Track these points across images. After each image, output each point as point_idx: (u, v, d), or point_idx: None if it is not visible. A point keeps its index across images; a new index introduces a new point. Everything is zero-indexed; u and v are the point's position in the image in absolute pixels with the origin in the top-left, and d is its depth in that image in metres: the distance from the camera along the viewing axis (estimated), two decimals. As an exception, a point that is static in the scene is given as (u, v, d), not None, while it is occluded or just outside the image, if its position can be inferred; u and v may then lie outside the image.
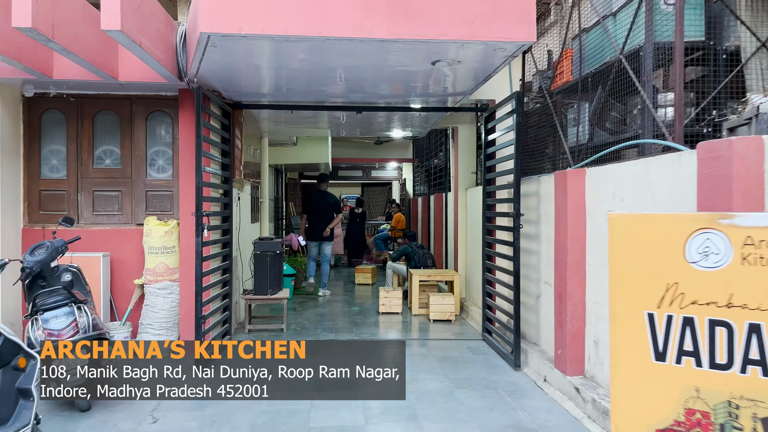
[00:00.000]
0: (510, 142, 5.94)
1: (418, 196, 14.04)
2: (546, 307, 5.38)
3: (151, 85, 5.80)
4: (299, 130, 9.21)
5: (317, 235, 9.80)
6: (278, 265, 7.26)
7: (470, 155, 8.68)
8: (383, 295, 8.24)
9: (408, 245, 9.44)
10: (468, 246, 8.46)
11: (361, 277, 11.26)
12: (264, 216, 9.68)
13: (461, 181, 8.68)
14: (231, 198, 6.42)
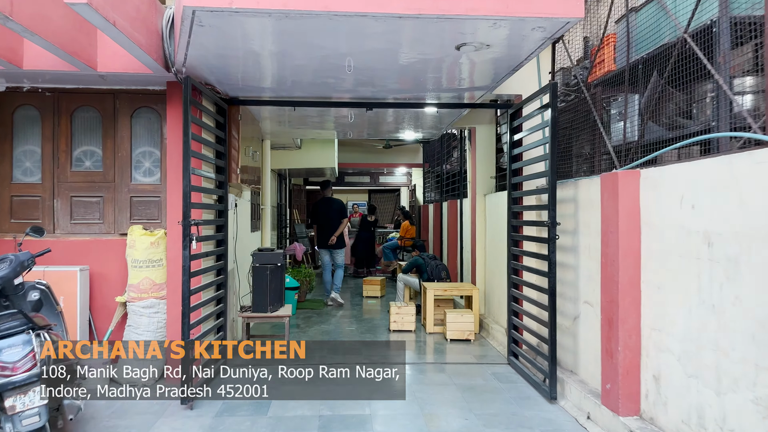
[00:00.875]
0: (541, 141, 5.23)
1: (429, 203, 13.34)
2: (586, 330, 4.65)
3: (136, 78, 5.14)
4: (303, 132, 8.55)
5: (327, 242, 9.51)
6: (279, 279, 6.56)
7: (489, 158, 7.98)
8: (394, 312, 7.52)
9: (419, 256, 8.73)
10: (488, 257, 7.74)
11: (369, 289, 10.54)
12: (266, 224, 8.99)
13: (479, 187, 7.97)
14: (226, 204, 5.74)
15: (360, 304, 9.77)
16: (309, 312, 8.92)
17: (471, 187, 8.24)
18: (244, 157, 6.24)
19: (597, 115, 4.74)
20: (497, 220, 7.21)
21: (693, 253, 3.28)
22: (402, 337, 7.27)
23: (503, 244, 6.81)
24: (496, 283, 7.26)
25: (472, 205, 8.15)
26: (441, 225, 11.26)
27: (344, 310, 9.16)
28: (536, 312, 5.50)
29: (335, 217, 9.53)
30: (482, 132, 8.00)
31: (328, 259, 9.71)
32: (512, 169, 5.91)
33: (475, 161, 8.02)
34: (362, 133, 8.68)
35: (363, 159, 14.43)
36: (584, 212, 4.70)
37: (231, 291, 6.48)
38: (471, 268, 8.22)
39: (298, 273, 9.45)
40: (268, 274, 6.33)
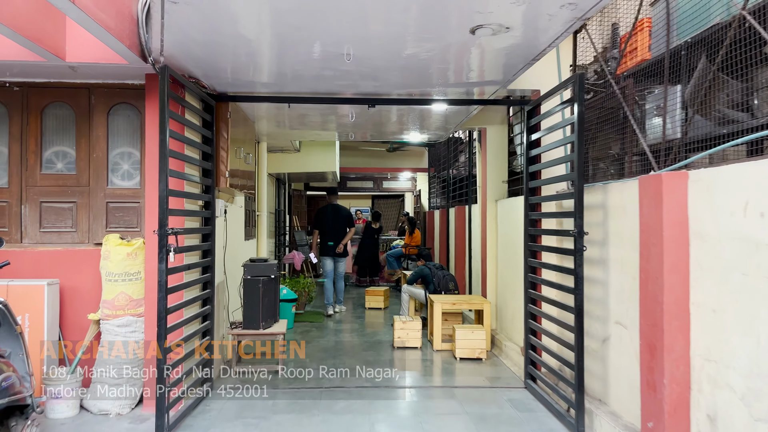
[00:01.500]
0: (562, 141, 4.68)
1: (434, 209, 12.78)
2: (618, 355, 4.07)
3: (111, 70, 4.60)
4: (302, 133, 8.02)
5: (332, 251, 9.14)
6: (273, 293, 6.00)
7: (501, 161, 7.42)
8: (399, 327, 6.95)
9: (425, 266, 8.16)
10: (499, 268, 7.17)
11: (372, 300, 9.97)
12: (261, 232, 8.45)
13: (490, 192, 7.40)
14: (213, 211, 5.19)
15: (362, 316, 9.20)
16: (307, 325, 8.35)
17: (481, 193, 7.68)
18: (235, 159, 5.70)
19: (629, 111, 4.18)
20: (510, 228, 6.65)
21: (762, 271, 2.71)
22: (407, 354, 6.69)
23: (518, 255, 6.25)
24: (510, 296, 6.69)
25: (483, 211, 7.59)
26: (448, 232, 10.69)
27: (345, 323, 8.59)
28: (557, 331, 4.93)
29: (342, 225, 9.21)
30: (493, 133, 7.45)
31: (332, 268, 9.34)
32: (529, 172, 5.35)
33: (486, 165, 7.46)
34: (365, 135, 8.14)
35: (366, 163, 13.89)
36: (615, 220, 4.13)
37: (220, 305, 5.92)
38: (481, 280, 7.65)
39: (296, 284, 8.89)
40: (260, 287, 5.78)
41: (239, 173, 5.90)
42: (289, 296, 8.03)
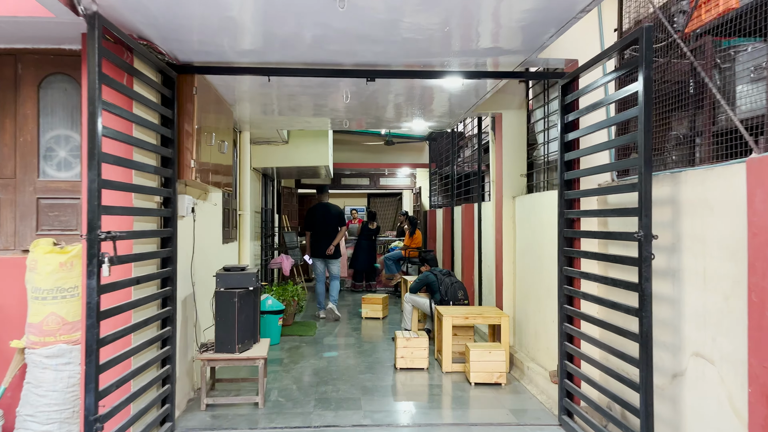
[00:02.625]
0: (606, 122, 3.70)
1: (436, 208, 11.78)
2: (699, 397, 3.08)
3: (37, 28, 3.58)
4: (290, 121, 7.00)
5: (323, 252, 8.68)
6: (252, 308, 4.99)
7: (519, 152, 6.42)
8: (402, 344, 5.95)
9: (430, 272, 7.16)
10: (518, 275, 6.17)
11: (369, 308, 8.96)
12: (244, 233, 7.42)
13: (507, 187, 6.41)
14: (176, 209, 4.17)
15: (358, 328, 8.19)
16: (296, 340, 7.33)
17: (495, 188, 6.69)
18: (206, 147, 4.68)
19: (707, 77, 3.19)
20: (532, 229, 5.66)
21: None
22: (412, 378, 5.69)
23: (543, 261, 5.26)
24: (532, 308, 5.70)
25: (497, 209, 6.59)
26: (452, 234, 9.70)
27: (339, 337, 7.57)
28: (599, 357, 3.96)
29: (333, 224, 8.76)
30: (510, 119, 6.45)
31: (323, 270, 8.87)
32: (565, 161, 4.35)
33: (501, 156, 6.46)
34: (361, 123, 7.13)
35: (362, 158, 12.87)
36: (692, 219, 3.14)
37: (188, 323, 4.91)
38: (496, 289, 6.65)
39: (284, 291, 7.87)
40: (235, 301, 4.76)
41: (212, 165, 4.88)
42: (274, 307, 7.02)
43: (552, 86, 5.68)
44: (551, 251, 5.16)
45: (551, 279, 5.13)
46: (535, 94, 6.17)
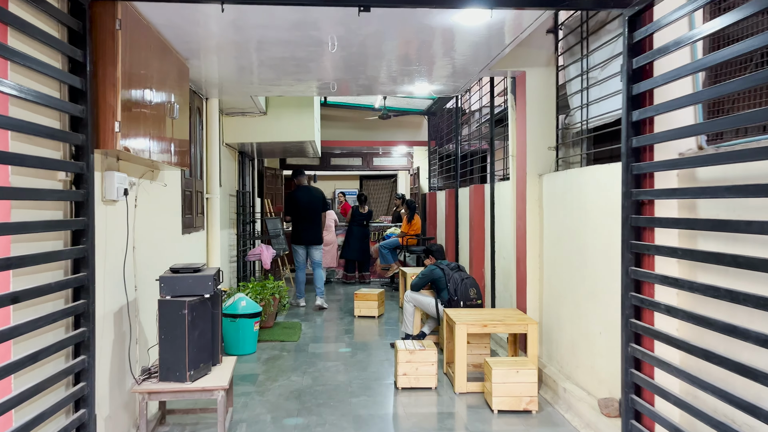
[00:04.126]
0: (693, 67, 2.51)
1: (436, 190, 10.59)
2: None
3: None
4: (267, 86, 5.74)
5: (305, 238, 8.23)
6: (209, 321, 3.80)
7: (546, 119, 5.23)
8: (404, 358, 4.79)
9: (435, 266, 6.00)
10: (546, 271, 5.01)
11: (363, 306, 7.80)
12: (213, 221, 6.20)
13: (532, 164, 5.22)
14: (90, 191, 2.96)
15: (350, 330, 7.03)
16: (277, 348, 6.15)
17: (516, 164, 5.50)
18: (141, 106, 3.46)
19: None
20: (568, 214, 4.49)
21: None
22: (417, 402, 4.54)
23: (583, 254, 4.10)
24: (567, 313, 4.55)
25: (519, 190, 5.42)
26: (456, 220, 8.52)
27: (328, 343, 6.40)
28: (678, 391, 2.82)
29: (316, 208, 8.32)
30: (535, 79, 5.25)
31: (304, 258, 8.43)
32: (632, 121, 3.17)
33: (525, 125, 5.27)
34: (350, 87, 5.87)
35: (353, 136, 11.64)
36: None
37: (126, 343, 3.72)
38: (517, 287, 5.49)
39: (262, 289, 6.68)
40: (185, 314, 3.57)
41: (154, 133, 3.66)
42: (249, 310, 5.84)
43: (593, 33, 4.47)
44: (597, 242, 3.99)
45: (598, 278, 3.98)
46: (569, 46, 4.96)
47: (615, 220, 3.68)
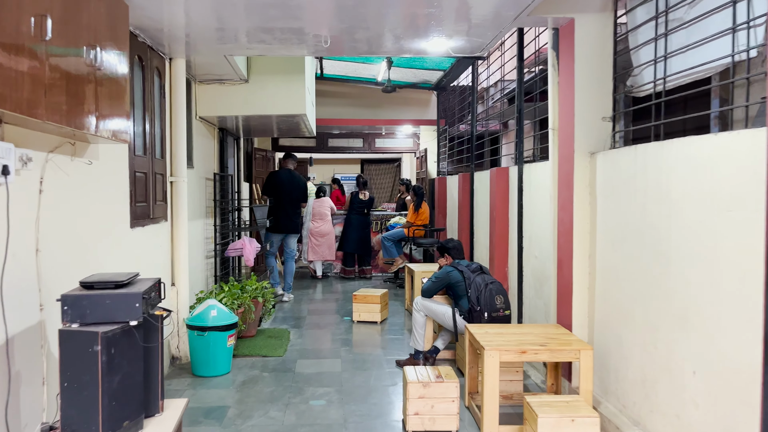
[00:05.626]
0: None
1: (446, 175, 9.41)
2: None
3: None
4: (245, 43, 4.55)
5: (283, 225, 7.61)
6: (138, 361, 2.64)
7: (601, 81, 4.04)
8: (416, 392, 3.65)
9: (452, 267, 4.85)
10: (602, 278, 3.84)
11: (362, 309, 6.66)
12: (179, 209, 5.04)
13: (581, 139, 4.05)
14: None
15: (348, 340, 5.89)
16: (257, 366, 5.02)
17: (559, 140, 4.33)
18: (29, 37, 2.29)
19: None
20: (641, 205, 3.32)
21: None
22: (435, 455, 3.41)
23: (668, 259, 2.92)
24: (634, 337, 3.40)
25: (562, 174, 4.25)
26: (471, 209, 7.36)
27: (321, 360, 5.26)
28: None
29: (297, 198, 7.76)
30: (587, 29, 4.05)
31: (277, 247, 7.86)
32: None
33: (573, 90, 4.08)
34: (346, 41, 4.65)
35: (353, 113, 10.43)
36: None
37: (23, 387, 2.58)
38: (557, 297, 4.33)
39: (241, 292, 5.54)
40: (97, 351, 2.41)
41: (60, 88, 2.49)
42: (221, 321, 4.70)
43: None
44: (691, 247, 2.84)
45: (692, 296, 2.82)
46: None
47: (727, 217, 2.53)
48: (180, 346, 5.07)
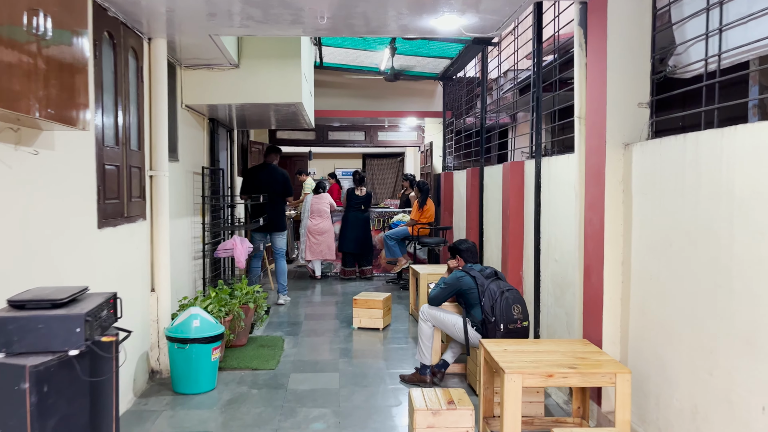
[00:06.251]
0: None
1: (453, 170, 8.90)
2: None
3: None
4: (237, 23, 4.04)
5: (266, 224, 6.94)
6: (83, 397, 2.13)
7: (637, 61, 3.52)
8: (424, 422, 3.15)
9: (464, 272, 4.34)
10: (638, 291, 3.32)
11: (363, 315, 6.16)
12: (159, 207, 4.54)
13: (614, 128, 3.53)
14: None
15: (347, 350, 5.39)
16: (246, 381, 4.52)
17: (587, 129, 3.82)
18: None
19: None
20: (682, 203, 2.81)
21: None
22: (447, 498, 2.90)
23: (714, 270, 2.40)
24: (681, 360, 2.89)
25: (591, 167, 3.74)
26: (480, 207, 6.86)
27: (317, 374, 4.76)
28: None
29: (279, 191, 7.15)
30: (621, 3, 3.52)
31: (262, 246, 7.19)
32: None
33: (605, 70, 3.56)
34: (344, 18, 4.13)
35: (354, 105, 9.91)
36: None
37: None
38: (585, 307, 3.81)
39: (229, 298, 5.04)
40: (25, 390, 1.90)
41: None
42: (205, 332, 4.21)
43: None
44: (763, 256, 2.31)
45: (763, 317, 2.30)
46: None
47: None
48: (161, 359, 4.57)
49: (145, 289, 4.42)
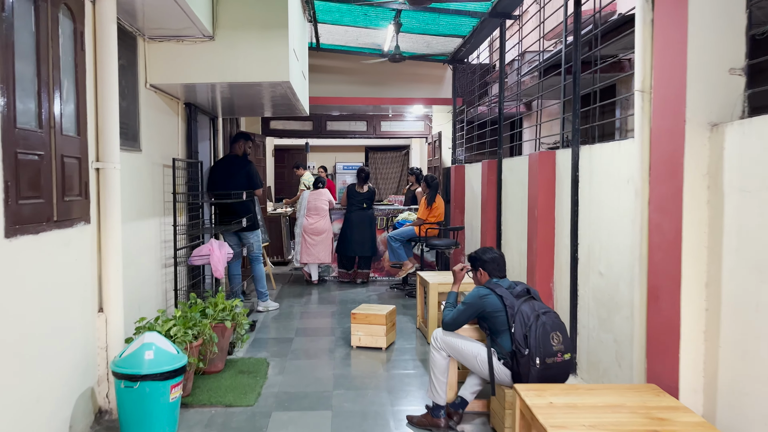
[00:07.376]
0: None
1: (465, 163, 7.99)
2: None
3: None
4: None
5: (235, 223, 6.12)
6: None
7: (727, 15, 2.60)
8: None
9: (489, 288, 3.45)
10: (737, 321, 2.42)
11: (363, 331, 5.27)
12: (109, 207, 3.66)
13: (695, 103, 2.62)
14: None
15: (343, 378, 4.49)
16: (216, 424, 3.63)
17: (654, 107, 2.91)
18: None
19: None
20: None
21: None
22: None
23: None
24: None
25: (659, 157, 2.83)
26: (498, 206, 5.97)
27: (305, 410, 3.87)
28: None
29: (244, 183, 6.23)
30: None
31: (239, 249, 6.37)
32: None
33: (686, 28, 2.65)
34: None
35: (355, 91, 9.00)
36: None
37: None
38: (649, 340, 2.91)
39: (199, 316, 4.16)
40: None
41: None
42: (162, 365, 3.33)
43: None
44: None
45: None
46: None
47: None
48: (110, 395, 3.70)
49: (90, 309, 3.55)
